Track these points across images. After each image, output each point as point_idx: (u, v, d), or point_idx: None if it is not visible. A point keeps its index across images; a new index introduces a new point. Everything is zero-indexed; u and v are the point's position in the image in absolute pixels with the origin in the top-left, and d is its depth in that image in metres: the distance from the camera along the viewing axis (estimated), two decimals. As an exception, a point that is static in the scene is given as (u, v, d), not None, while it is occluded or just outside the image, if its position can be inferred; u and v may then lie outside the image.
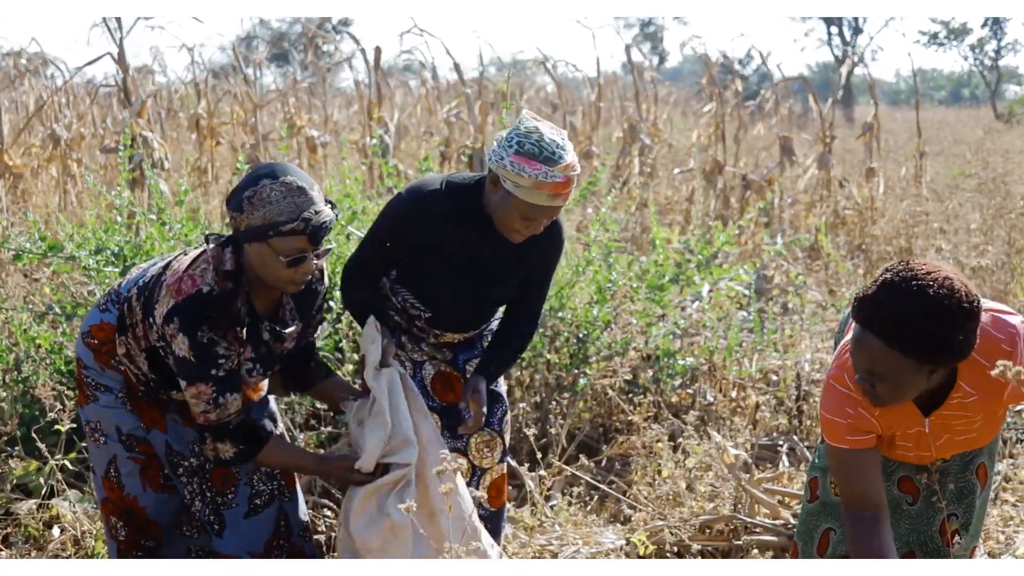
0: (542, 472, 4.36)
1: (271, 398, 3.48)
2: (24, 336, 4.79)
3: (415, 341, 3.60)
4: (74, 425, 3.84)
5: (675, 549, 4.05)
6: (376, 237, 3.44)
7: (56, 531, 4.08)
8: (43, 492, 4.22)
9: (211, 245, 2.98)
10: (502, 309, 3.67)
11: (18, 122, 10.50)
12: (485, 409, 3.47)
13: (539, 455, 4.70)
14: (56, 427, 3.90)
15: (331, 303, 4.63)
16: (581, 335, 5.29)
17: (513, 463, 4.41)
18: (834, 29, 43.34)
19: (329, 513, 4.17)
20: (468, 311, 3.55)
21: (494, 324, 3.69)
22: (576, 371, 5.25)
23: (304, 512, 3.47)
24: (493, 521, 3.68)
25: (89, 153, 10.46)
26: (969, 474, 2.98)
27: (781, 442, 5.09)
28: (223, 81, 15.00)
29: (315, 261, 2.98)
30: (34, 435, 4.02)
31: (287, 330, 3.16)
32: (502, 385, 3.75)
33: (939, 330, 2.42)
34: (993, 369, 2.33)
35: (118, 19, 7.42)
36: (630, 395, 5.24)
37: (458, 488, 3.22)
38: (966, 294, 2.45)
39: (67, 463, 4.05)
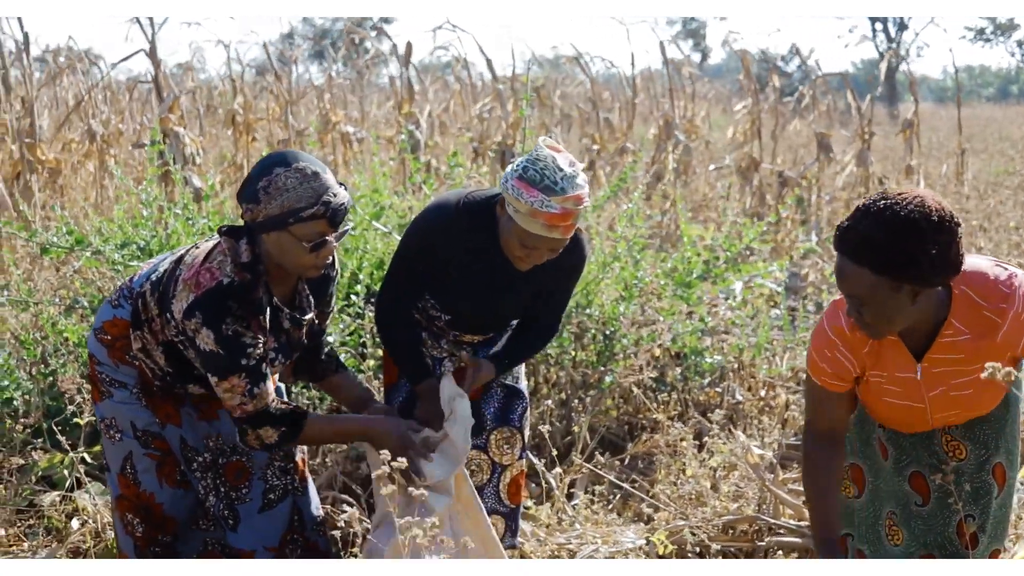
0: (558, 470, 4.31)
1: (282, 388, 3.47)
2: (52, 329, 4.83)
3: (435, 338, 3.59)
4: (94, 418, 3.85)
5: (696, 549, 4.00)
6: (404, 258, 3.42)
7: (75, 523, 4.09)
8: (67, 484, 4.24)
9: (223, 237, 2.96)
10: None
11: (59, 118, 10.60)
12: (469, 399, 3.39)
13: (556, 452, 4.66)
14: (83, 419, 3.93)
15: (353, 297, 4.61)
16: (608, 332, 5.25)
17: (535, 460, 4.37)
18: (879, 26, 42.92)
19: (348, 509, 4.15)
20: (486, 320, 3.55)
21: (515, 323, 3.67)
22: (602, 368, 5.22)
23: (317, 506, 3.46)
24: (510, 518, 3.67)
25: (126, 149, 10.54)
26: (985, 474, 2.91)
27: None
28: (263, 78, 15.09)
29: (334, 244, 2.96)
30: (55, 427, 4.04)
31: (305, 317, 3.15)
32: (523, 383, 3.73)
33: (906, 245, 2.45)
34: (988, 308, 2.50)
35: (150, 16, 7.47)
36: (657, 393, 5.19)
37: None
38: (938, 210, 2.47)
39: (86, 456, 4.07)
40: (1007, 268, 2.70)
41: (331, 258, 3.19)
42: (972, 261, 2.71)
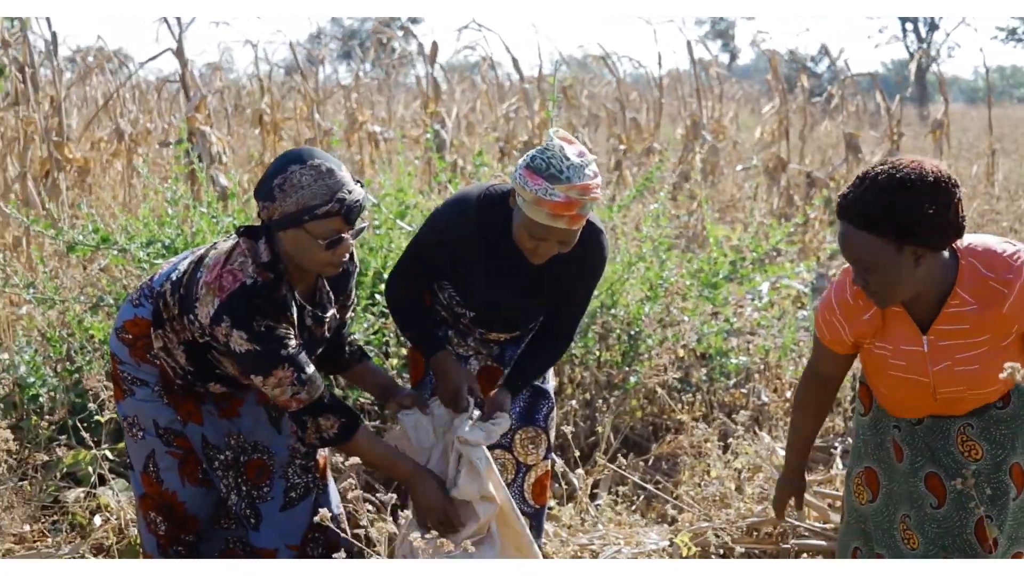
0: (581, 471, 4.29)
1: None
2: (78, 327, 4.86)
3: (462, 336, 3.58)
4: (117, 415, 3.87)
5: (720, 551, 3.97)
6: (419, 245, 3.42)
7: (97, 520, 4.11)
8: (91, 481, 4.26)
9: (242, 238, 2.96)
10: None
11: (89, 117, 10.67)
12: (507, 425, 3.40)
13: (579, 452, 4.65)
14: (104, 416, 3.94)
15: (377, 296, 4.61)
16: (633, 332, 5.22)
17: (559, 460, 4.35)
18: (909, 26, 42.64)
19: (372, 508, 4.15)
20: (508, 317, 3.53)
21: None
22: (627, 369, 5.19)
23: (337, 504, 3.45)
24: (535, 518, 3.65)
25: (155, 148, 10.60)
26: (1002, 475, 2.87)
27: (836, 444, 4.97)
28: (291, 77, 15.14)
29: (351, 242, 2.95)
30: (78, 424, 4.06)
31: (327, 314, 3.14)
32: (550, 383, 3.71)
33: (904, 205, 2.51)
34: (994, 279, 2.56)
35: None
36: (682, 393, 5.17)
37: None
38: (934, 172, 2.53)
39: (108, 453, 4.08)
40: (1014, 244, 2.71)
41: (350, 254, 3.18)
42: (979, 238, 2.73)
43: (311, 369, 2.98)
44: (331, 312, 3.16)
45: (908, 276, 2.59)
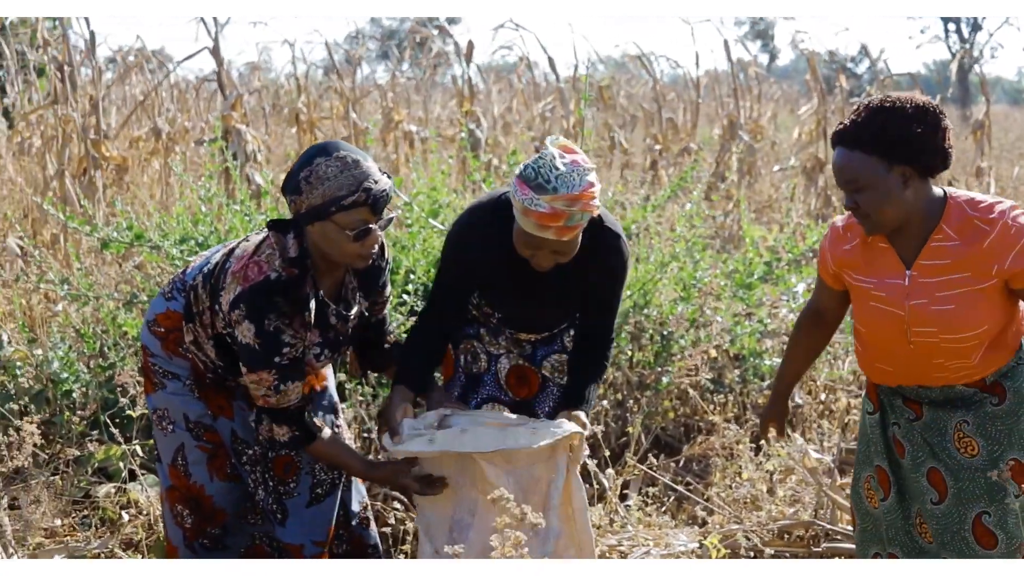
0: (611, 471, 4.26)
1: (332, 389, 3.46)
2: (112, 323, 4.88)
3: (493, 334, 3.56)
4: (147, 410, 3.88)
5: (750, 554, 3.93)
6: (445, 275, 3.38)
7: (125, 516, 4.13)
8: (122, 476, 4.28)
9: (271, 232, 2.96)
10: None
11: (127, 116, 10.76)
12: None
13: (610, 453, 4.61)
14: (135, 412, 3.96)
15: (405, 296, 4.60)
16: (665, 333, 5.19)
17: (590, 462, 4.32)
18: (951, 26, 42.19)
19: (399, 506, 4.14)
20: (535, 320, 3.50)
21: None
22: (659, 369, 5.15)
23: (360, 500, 3.45)
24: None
25: (192, 146, 10.68)
26: (1000, 471, 2.88)
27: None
28: (330, 77, 15.20)
29: (379, 233, 2.94)
30: (107, 419, 4.08)
31: (351, 311, 3.14)
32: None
33: (894, 124, 2.71)
34: (978, 218, 2.72)
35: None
36: (714, 394, 5.12)
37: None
38: (926, 102, 2.75)
39: (138, 448, 4.10)
40: (1000, 198, 2.86)
41: (381, 248, 3.17)
42: (966, 191, 2.88)
43: (293, 384, 3.00)
44: (355, 309, 3.15)
45: (896, 197, 2.75)
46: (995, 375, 2.91)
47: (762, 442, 4.54)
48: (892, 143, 2.70)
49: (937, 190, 2.83)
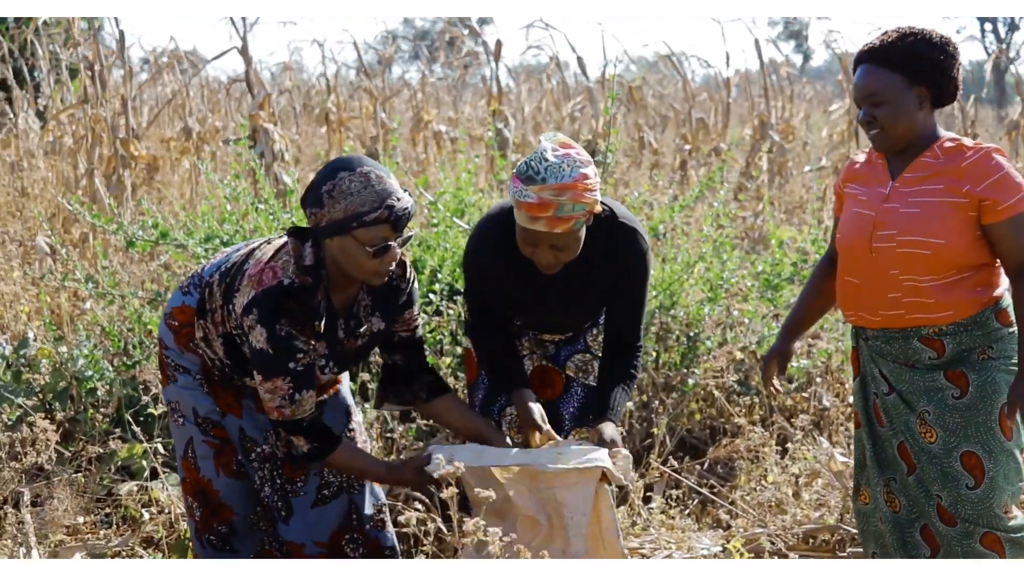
0: (633, 474, 4.22)
1: (345, 391, 3.44)
2: (137, 321, 4.90)
3: (516, 335, 3.53)
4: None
5: (774, 559, 3.88)
6: (473, 295, 3.38)
7: (146, 514, 4.13)
8: (145, 474, 4.29)
9: (290, 239, 2.96)
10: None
11: (157, 115, 10.82)
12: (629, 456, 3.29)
13: (634, 455, 4.57)
14: (158, 410, 3.97)
15: (431, 296, 4.59)
16: (692, 334, 5.14)
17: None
18: (988, 26, 41.75)
19: (420, 507, 4.12)
20: (557, 322, 3.48)
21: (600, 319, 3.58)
22: (685, 370, 5.11)
23: (374, 503, 3.42)
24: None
25: (221, 145, 10.72)
26: (953, 460, 3.03)
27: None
28: (360, 77, 15.23)
29: (398, 250, 2.93)
30: (130, 418, 4.09)
31: (361, 328, 3.13)
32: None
33: (922, 47, 2.96)
34: (966, 147, 2.93)
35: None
36: (741, 396, 5.07)
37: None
38: (949, 35, 2.99)
39: (160, 447, 4.10)
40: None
41: (401, 268, 3.16)
42: None
43: (308, 393, 2.99)
44: (365, 327, 3.15)
45: (910, 115, 2.97)
46: (954, 326, 3.00)
47: (788, 444, 4.49)
48: (917, 63, 2.95)
49: (940, 128, 3.07)
